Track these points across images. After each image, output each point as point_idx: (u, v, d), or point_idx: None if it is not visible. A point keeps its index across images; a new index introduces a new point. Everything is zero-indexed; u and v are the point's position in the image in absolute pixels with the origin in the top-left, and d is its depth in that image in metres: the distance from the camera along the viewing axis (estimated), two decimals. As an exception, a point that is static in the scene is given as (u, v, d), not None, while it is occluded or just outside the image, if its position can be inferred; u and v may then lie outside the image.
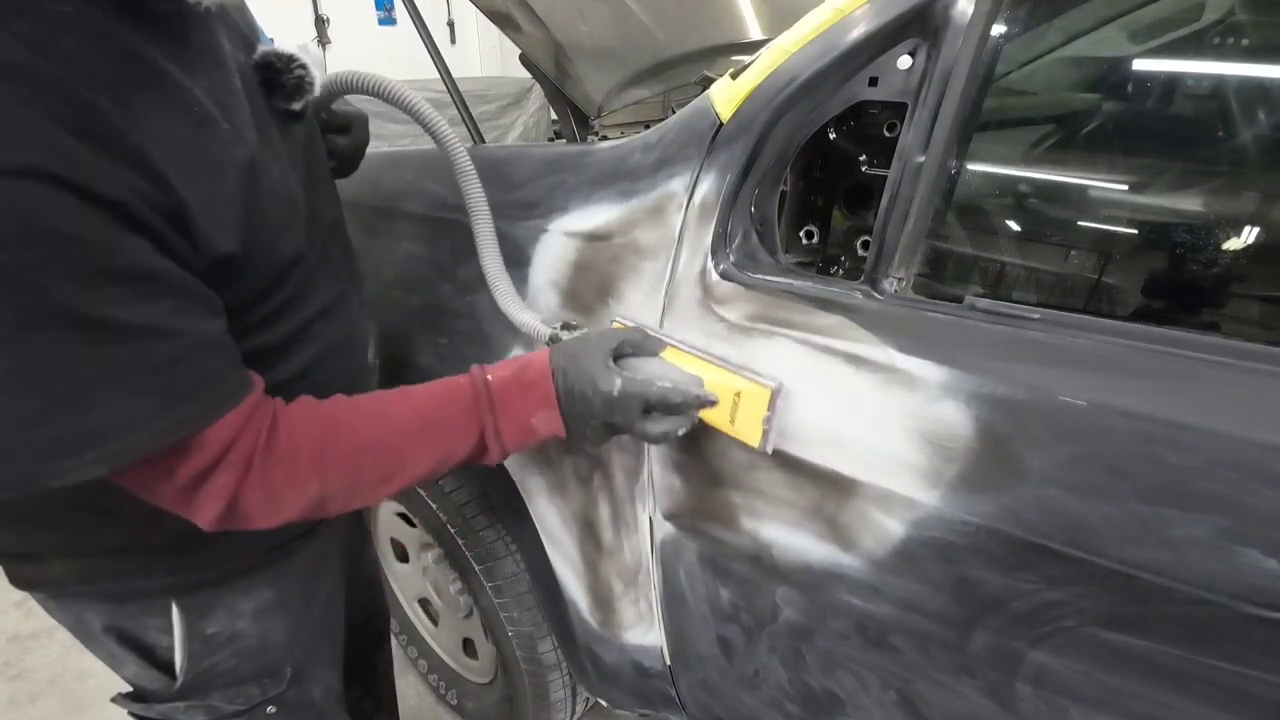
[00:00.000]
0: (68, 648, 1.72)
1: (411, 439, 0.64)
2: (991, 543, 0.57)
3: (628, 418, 0.66)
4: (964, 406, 0.58)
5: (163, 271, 0.50)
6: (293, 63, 0.66)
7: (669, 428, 0.67)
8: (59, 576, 0.67)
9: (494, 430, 0.67)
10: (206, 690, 0.73)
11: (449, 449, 0.66)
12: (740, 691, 0.87)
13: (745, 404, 0.67)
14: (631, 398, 0.65)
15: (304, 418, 0.60)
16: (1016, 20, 0.63)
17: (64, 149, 0.43)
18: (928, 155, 0.65)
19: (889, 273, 0.67)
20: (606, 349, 0.68)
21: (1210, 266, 0.65)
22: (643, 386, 0.66)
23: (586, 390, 0.66)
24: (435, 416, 0.66)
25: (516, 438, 0.68)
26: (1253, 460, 0.47)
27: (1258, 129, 0.63)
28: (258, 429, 0.56)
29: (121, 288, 0.47)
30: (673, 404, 0.66)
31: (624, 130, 1.15)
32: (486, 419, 0.67)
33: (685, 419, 0.68)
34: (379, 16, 5.16)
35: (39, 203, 0.43)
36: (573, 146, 0.96)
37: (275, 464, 0.57)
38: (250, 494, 0.56)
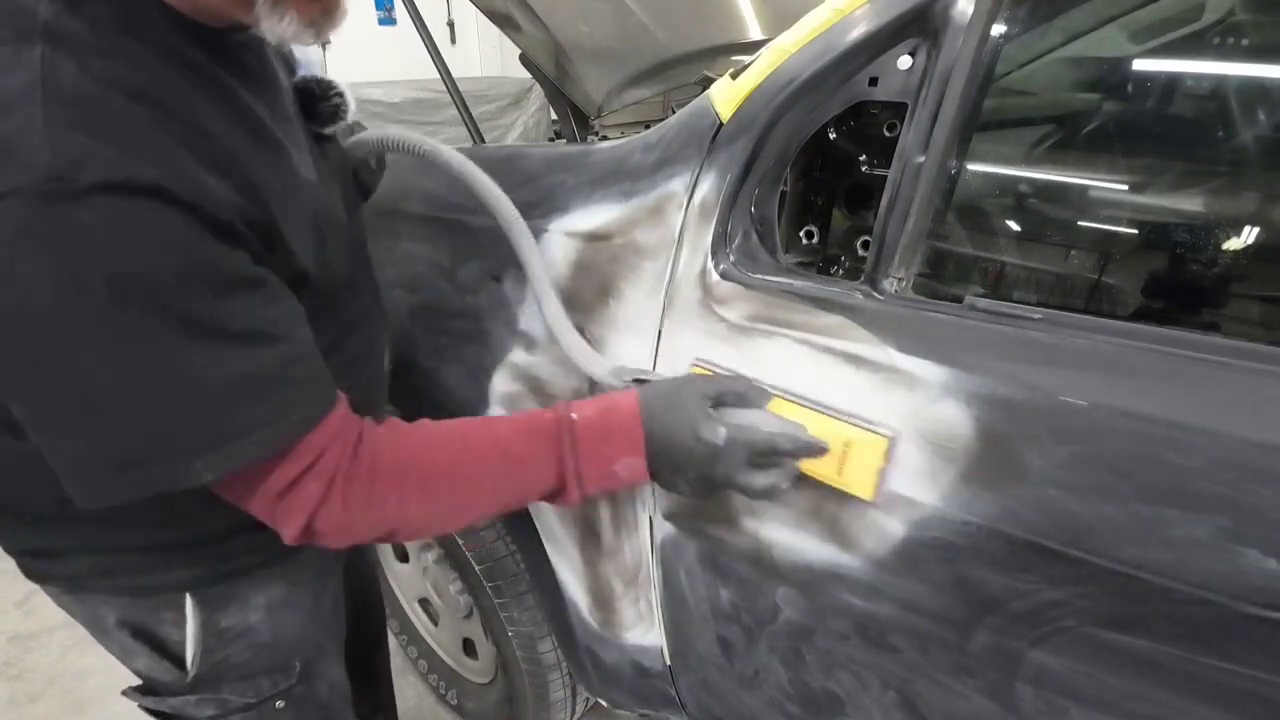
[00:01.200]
0: (68, 647, 1.73)
1: (490, 472, 0.63)
2: (992, 543, 0.57)
3: (730, 470, 0.63)
4: (964, 406, 0.58)
5: (264, 280, 0.53)
6: (330, 89, 0.69)
7: (774, 481, 0.64)
8: (78, 571, 0.67)
9: (574, 472, 0.64)
10: (218, 683, 0.74)
11: (526, 485, 0.65)
12: (740, 691, 0.87)
13: (856, 454, 0.62)
14: (737, 447, 0.62)
15: (389, 438, 0.60)
16: (1016, 20, 0.63)
17: (184, 170, 0.46)
18: (928, 155, 0.65)
19: (889, 273, 0.67)
20: (706, 395, 0.65)
21: (1210, 266, 0.65)
22: (749, 434, 0.63)
23: (686, 439, 0.63)
24: (516, 452, 0.64)
25: (597, 482, 0.66)
26: (1253, 460, 0.47)
27: (1258, 129, 0.63)
28: (346, 441, 0.57)
29: (240, 296, 0.50)
30: (782, 450, 0.63)
31: (624, 130, 1.15)
32: (568, 460, 0.64)
33: (788, 470, 0.64)
34: (379, 16, 5.16)
35: (164, 219, 0.45)
36: (573, 146, 0.96)
37: (356, 480, 0.57)
38: (330, 508, 0.56)
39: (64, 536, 0.65)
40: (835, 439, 0.63)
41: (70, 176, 0.42)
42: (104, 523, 0.64)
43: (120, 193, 0.43)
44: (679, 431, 0.63)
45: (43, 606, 1.85)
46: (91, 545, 0.66)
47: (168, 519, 0.66)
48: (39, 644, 1.75)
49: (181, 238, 0.46)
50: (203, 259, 0.47)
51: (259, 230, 0.52)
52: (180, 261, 0.46)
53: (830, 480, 0.65)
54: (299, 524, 0.56)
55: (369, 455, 0.58)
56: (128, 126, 0.44)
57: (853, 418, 0.63)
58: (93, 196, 0.42)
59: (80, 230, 0.42)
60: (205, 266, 0.47)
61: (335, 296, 0.66)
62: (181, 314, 0.47)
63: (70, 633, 1.76)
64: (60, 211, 0.42)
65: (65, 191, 0.42)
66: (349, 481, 0.57)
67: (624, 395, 0.67)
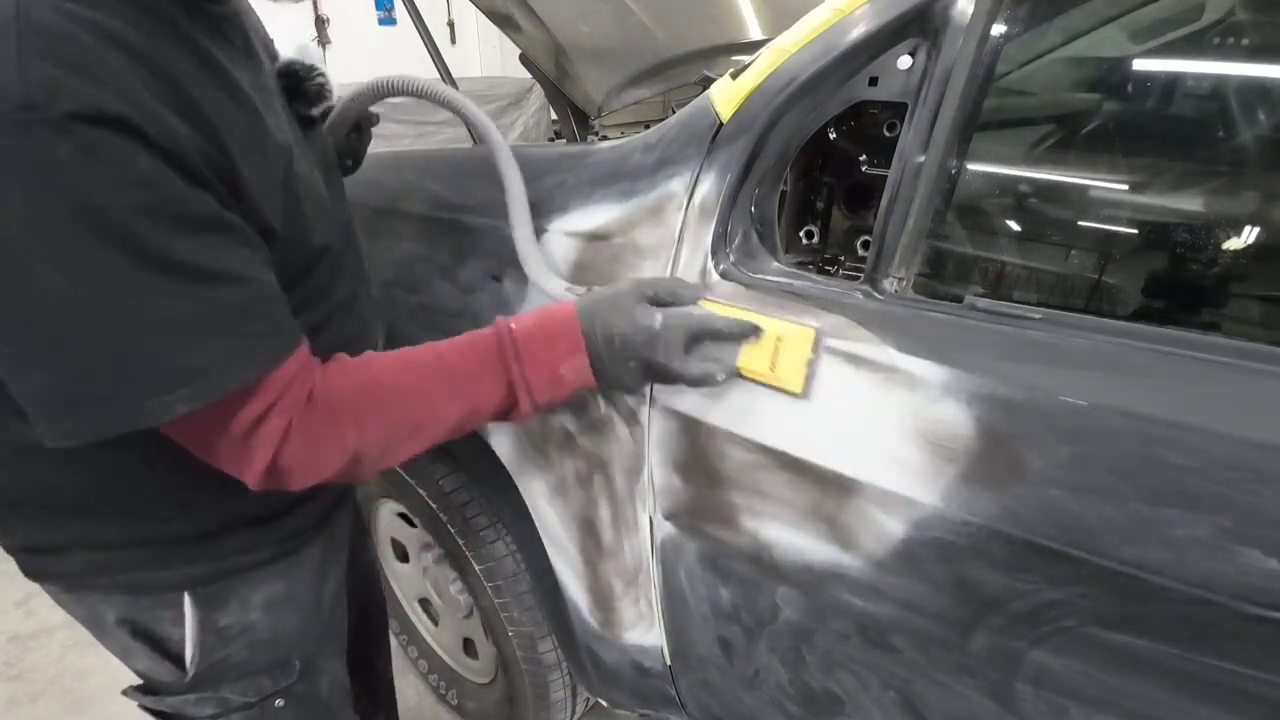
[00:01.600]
0: (68, 647, 1.73)
1: (439, 388, 0.64)
2: (992, 543, 0.57)
3: (669, 353, 0.66)
4: (964, 406, 0.58)
5: (231, 223, 0.53)
6: (313, 71, 0.70)
7: (710, 368, 0.67)
8: (77, 568, 0.67)
9: (522, 381, 0.66)
10: (218, 682, 0.74)
11: (477, 399, 0.66)
12: (740, 691, 0.87)
13: (787, 348, 0.66)
14: (674, 329, 0.65)
15: (337, 369, 0.62)
16: (1016, 20, 0.63)
17: (151, 109, 0.47)
18: (928, 155, 0.65)
19: (889, 273, 0.67)
20: (642, 293, 0.68)
21: (1210, 266, 0.65)
22: (684, 316, 0.66)
23: (625, 329, 0.66)
24: (461, 366, 0.65)
25: (546, 389, 0.67)
26: (1253, 460, 0.47)
27: (1258, 129, 0.63)
28: (307, 377, 0.58)
29: (202, 236, 0.51)
30: (718, 330, 0.66)
31: (624, 130, 1.15)
32: (514, 369, 0.66)
33: (726, 359, 0.67)
34: (379, 16, 5.16)
35: (128, 153, 0.46)
36: (573, 146, 0.96)
37: (314, 412, 0.58)
38: (292, 443, 0.57)
39: (62, 531, 0.66)
40: (767, 336, 0.67)
41: (42, 104, 0.42)
42: (101, 518, 0.65)
43: (91, 124, 0.44)
44: (618, 322, 0.66)
45: (43, 607, 1.85)
46: (89, 541, 0.66)
47: (168, 512, 0.66)
48: (39, 644, 1.75)
49: (149, 173, 0.47)
50: (169, 195, 0.48)
51: (223, 178, 0.53)
52: (148, 196, 0.47)
53: (765, 377, 0.67)
54: (263, 462, 0.56)
55: (321, 386, 0.59)
56: (98, 63, 0.45)
57: (783, 316, 0.67)
58: (64, 125, 0.43)
59: (50, 158, 0.43)
60: (172, 203, 0.48)
61: (321, 270, 0.67)
62: (149, 248, 0.47)
63: (70, 633, 1.76)
64: (31, 138, 0.43)
65: (37, 119, 0.42)
66: (308, 413, 0.57)
67: (561, 304, 0.70)
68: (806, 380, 0.65)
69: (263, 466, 0.56)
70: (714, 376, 0.67)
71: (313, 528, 0.78)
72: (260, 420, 0.55)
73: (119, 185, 0.46)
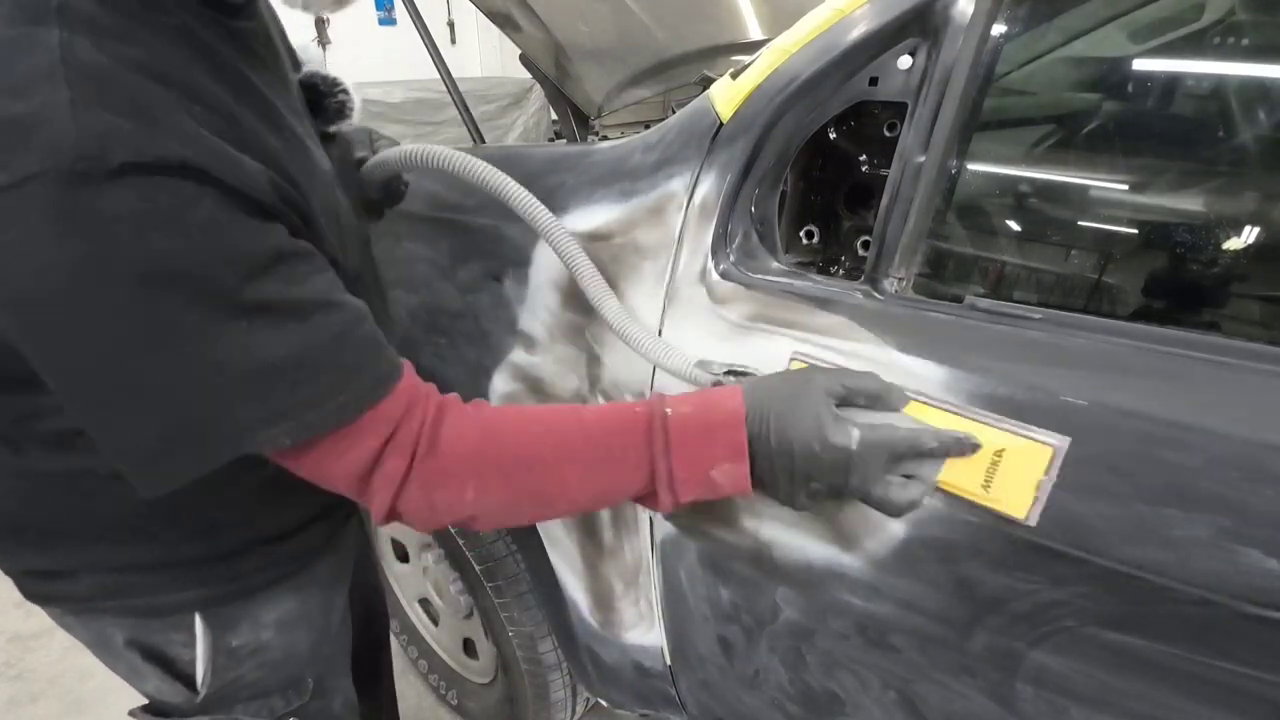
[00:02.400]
0: (68, 648, 1.72)
1: (574, 463, 0.58)
2: (992, 543, 0.57)
3: (866, 480, 0.54)
4: (964, 406, 0.58)
5: (308, 251, 0.51)
6: (336, 87, 0.68)
7: (916, 493, 0.55)
8: (85, 592, 0.66)
9: (666, 475, 0.57)
10: (230, 703, 0.73)
11: (612, 483, 0.59)
12: (741, 691, 0.87)
13: (1010, 464, 0.54)
14: (874, 452, 0.53)
15: (471, 418, 0.57)
16: (1016, 20, 0.63)
17: (213, 147, 0.45)
18: (928, 155, 0.65)
19: (889, 272, 0.67)
20: (830, 392, 0.56)
21: (1210, 266, 0.65)
22: (887, 434, 0.54)
23: (812, 444, 0.54)
24: (603, 444, 0.58)
25: (692, 489, 0.58)
26: (1253, 460, 0.47)
27: (1258, 129, 0.63)
28: (423, 411, 0.55)
29: (284, 268, 0.48)
30: (925, 449, 0.54)
31: (624, 130, 1.15)
32: (659, 462, 0.57)
33: (930, 476, 0.57)
34: (379, 16, 5.16)
35: (197, 197, 0.44)
36: (573, 146, 0.96)
37: (435, 458, 0.54)
38: (411, 491, 0.54)
39: (73, 556, 0.64)
40: (985, 447, 0.55)
41: (99, 156, 0.40)
42: (113, 541, 0.63)
43: (151, 172, 0.42)
44: (801, 435, 0.54)
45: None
46: (101, 564, 0.65)
47: (182, 536, 0.65)
48: (39, 644, 1.75)
49: (216, 216, 0.44)
50: (240, 236, 0.46)
51: (294, 207, 0.51)
52: (217, 241, 0.45)
53: (977, 497, 0.57)
54: (385, 503, 0.54)
55: (450, 432, 0.55)
56: (152, 106, 0.43)
57: (1010, 424, 0.55)
58: (123, 177, 0.41)
59: (113, 212, 0.41)
60: (243, 243, 0.46)
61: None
62: (222, 293, 0.45)
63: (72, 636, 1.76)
64: (90, 193, 0.40)
65: (94, 171, 0.40)
66: (429, 458, 0.54)
67: (727, 391, 0.59)
68: (1034, 506, 0.54)
69: (385, 509, 0.54)
70: (919, 502, 0.57)
71: (324, 544, 0.77)
72: (379, 459, 0.52)
73: (186, 232, 0.43)
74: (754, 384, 0.60)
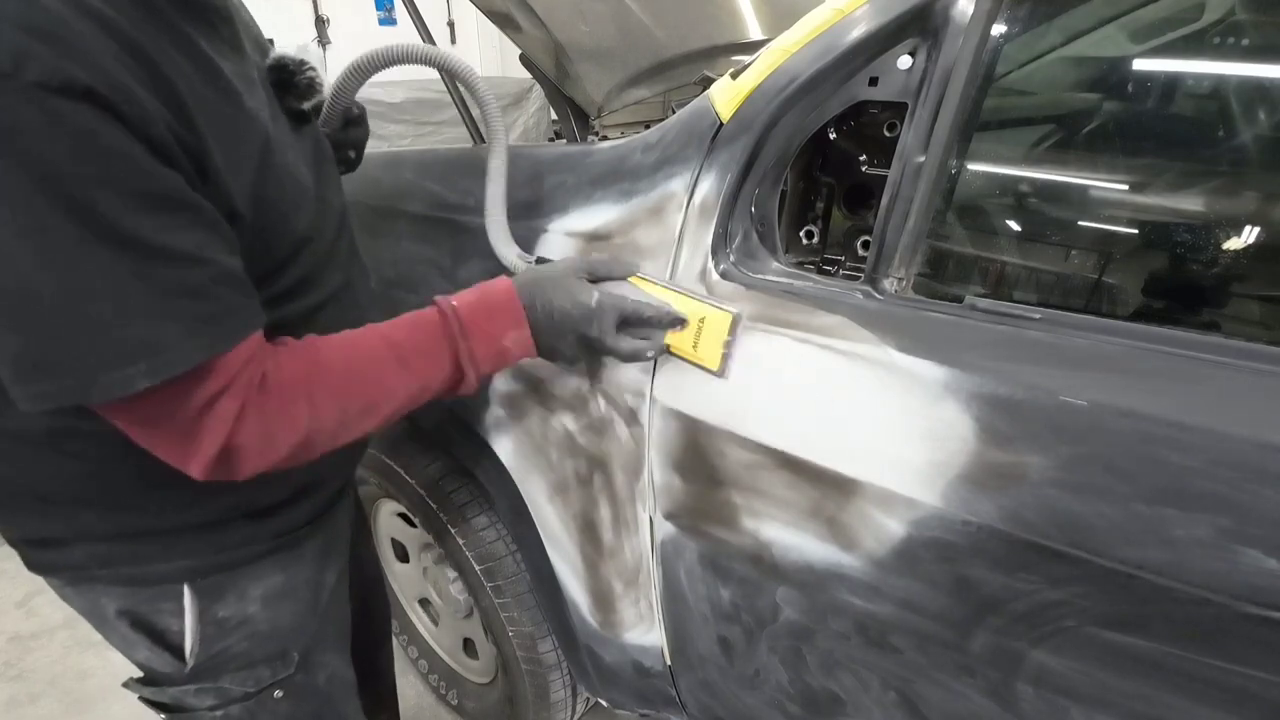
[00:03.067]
0: (68, 648, 1.73)
1: (388, 366, 0.66)
2: (992, 543, 0.57)
3: (602, 329, 0.71)
4: (964, 406, 0.58)
5: (195, 203, 0.53)
6: (303, 65, 0.71)
7: (639, 346, 0.73)
8: (79, 561, 0.68)
9: (468, 354, 0.69)
10: (218, 673, 0.75)
11: (426, 375, 0.68)
12: (741, 691, 0.87)
13: (708, 329, 0.72)
14: (608, 309, 0.71)
15: (287, 351, 0.62)
16: (1016, 20, 0.63)
17: (123, 84, 0.47)
18: (928, 155, 0.65)
19: (889, 273, 0.67)
20: (579, 269, 0.74)
21: (1210, 266, 0.65)
22: (618, 300, 0.72)
23: (565, 304, 0.71)
24: (408, 344, 0.67)
25: (491, 360, 0.71)
26: (1253, 460, 0.47)
27: (1258, 129, 0.63)
28: (261, 361, 0.58)
29: (163, 214, 0.50)
30: (646, 318, 0.72)
31: (624, 130, 1.15)
32: (460, 343, 0.69)
33: (655, 339, 0.73)
34: (379, 16, 5.16)
35: (95, 125, 0.46)
36: (573, 147, 0.96)
37: (266, 394, 0.58)
38: (248, 425, 0.57)
39: (64, 524, 0.66)
40: (692, 316, 0.73)
41: (10, 73, 0.43)
42: (102, 509, 0.65)
43: (59, 94, 0.44)
44: (560, 298, 0.71)
45: (43, 607, 1.85)
46: (90, 533, 0.67)
47: (171, 504, 0.66)
48: (39, 644, 1.75)
49: (114, 146, 0.47)
50: (133, 170, 0.48)
51: (192, 156, 0.53)
52: (111, 169, 0.47)
53: (687, 354, 0.74)
54: (215, 445, 0.56)
55: (274, 369, 0.59)
56: (69, 33, 0.45)
57: (707, 299, 0.73)
58: (32, 93, 0.43)
59: (17, 125, 0.44)
60: (135, 178, 0.48)
61: (307, 259, 0.68)
62: (108, 221, 0.47)
63: (70, 633, 1.76)
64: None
65: (5, 86, 0.43)
66: (261, 395, 0.58)
67: (497, 280, 0.73)
68: (724, 360, 0.71)
69: (215, 450, 0.56)
70: (643, 354, 0.74)
71: (311, 521, 0.79)
72: (212, 402, 0.55)
73: (82, 156, 0.46)
74: (525, 271, 0.76)
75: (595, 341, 0.72)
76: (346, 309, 0.75)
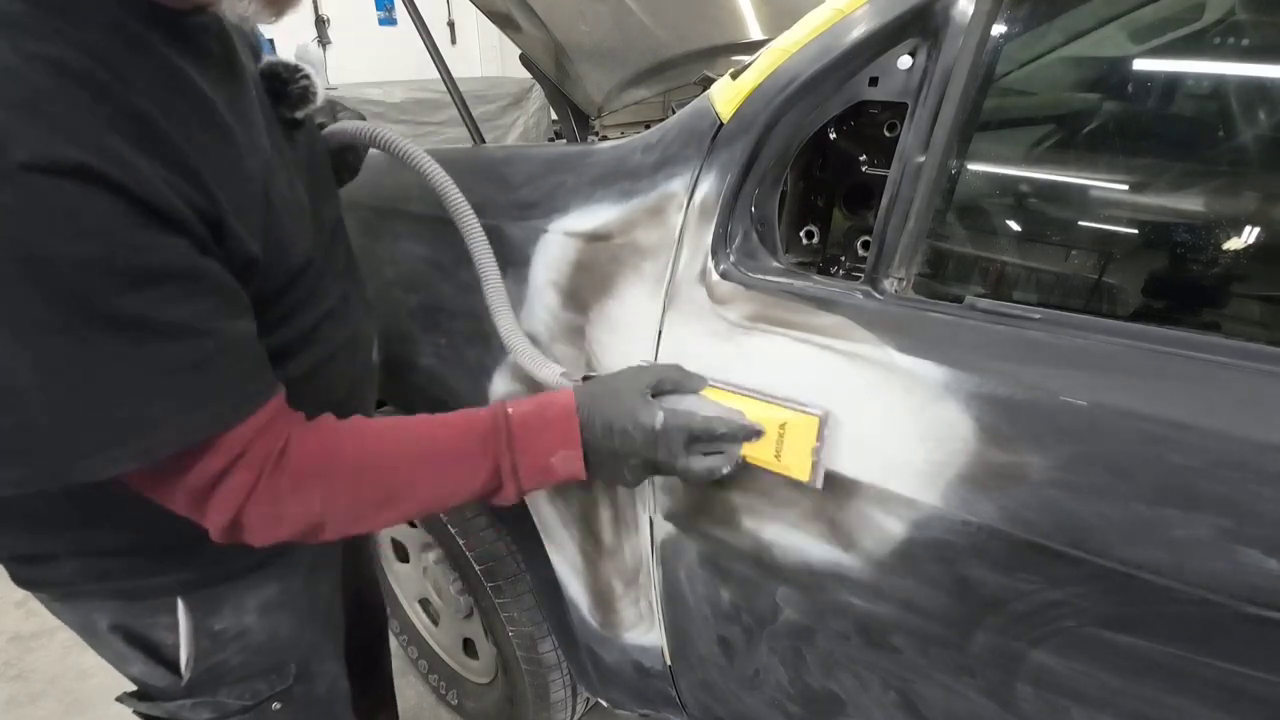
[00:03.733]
0: (68, 648, 1.73)
1: (419, 463, 0.63)
2: (992, 543, 0.57)
3: (670, 453, 0.64)
4: (964, 406, 0.58)
5: (204, 271, 0.51)
6: (297, 73, 0.68)
7: (713, 464, 0.65)
8: (69, 576, 0.67)
9: (511, 468, 0.65)
10: (214, 687, 0.74)
11: (459, 480, 0.65)
12: (741, 692, 0.87)
13: (791, 436, 0.64)
14: (675, 430, 0.64)
15: (317, 431, 0.60)
16: (1016, 20, 0.63)
17: (118, 153, 0.45)
18: (928, 155, 0.65)
19: (889, 273, 0.67)
20: (644, 384, 0.67)
21: (1210, 266, 0.65)
22: (686, 419, 0.64)
23: (626, 425, 0.64)
24: (448, 445, 0.64)
25: (534, 477, 0.66)
26: (1253, 460, 0.47)
27: (1258, 129, 0.63)
28: (278, 433, 0.57)
29: (165, 287, 0.48)
30: (717, 434, 0.65)
31: (624, 130, 1.15)
32: (504, 454, 0.64)
33: (729, 455, 0.66)
34: (379, 17, 5.15)
35: (90, 203, 0.44)
36: (573, 147, 0.96)
37: (283, 471, 0.56)
38: (258, 501, 0.56)
39: (54, 540, 0.65)
40: (771, 423, 0.65)
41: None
42: (93, 525, 0.64)
43: (45, 173, 0.42)
44: (618, 419, 0.65)
45: (43, 608, 1.85)
46: (81, 549, 0.65)
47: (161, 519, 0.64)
48: (39, 644, 1.75)
49: (106, 223, 0.45)
50: (128, 245, 0.46)
51: (203, 216, 0.51)
52: (101, 248, 0.45)
53: (770, 465, 0.67)
54: (227, 516, 0.55)
55: (296, 445, 0.57)
56: (56, 105, 0.43)
57: (787, 401, 0.65)
58: (16, 175, 0.41)
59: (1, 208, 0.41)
60: (129, 254, 0.46)
61: (303, 282, 0.65)
62: (96, 303, 0.45)
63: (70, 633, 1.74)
64: None
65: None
66: (276, 472, 0.56)
67: (560, 392, 0.69)
68: (814, 470, 0.64)
69: (226, 520, 0.55)
70: (718, 471, 0.66)
71: None
72: (223, 475, 0.54)
73: (69, 236, 0.43)
74: (587, 383, 0.70)
75: (663, 465, 0.66)
76: (344, 323, 0.73)
